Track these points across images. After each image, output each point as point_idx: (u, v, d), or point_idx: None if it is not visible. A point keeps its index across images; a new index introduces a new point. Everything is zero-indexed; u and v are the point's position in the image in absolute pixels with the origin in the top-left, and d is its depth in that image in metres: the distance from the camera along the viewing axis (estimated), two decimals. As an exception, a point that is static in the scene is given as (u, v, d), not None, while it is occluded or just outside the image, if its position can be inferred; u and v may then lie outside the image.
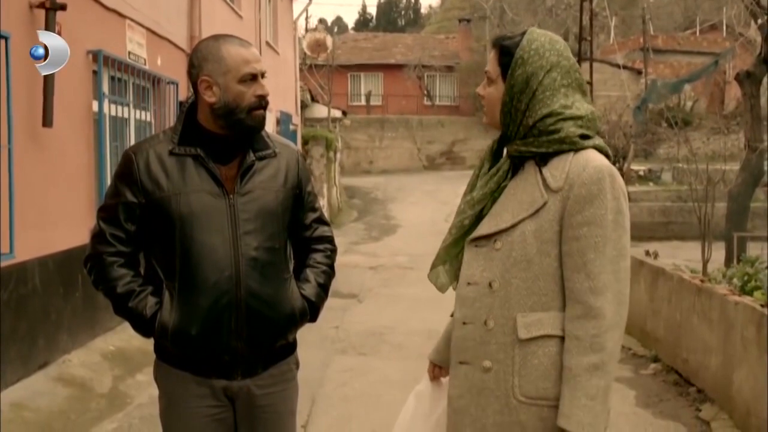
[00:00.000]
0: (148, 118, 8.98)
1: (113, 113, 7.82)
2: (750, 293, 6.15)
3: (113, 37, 7.82)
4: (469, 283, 2.19)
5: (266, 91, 2.49)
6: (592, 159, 2.12)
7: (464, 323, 2.19)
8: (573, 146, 2.13)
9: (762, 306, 5.15)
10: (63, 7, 5.99)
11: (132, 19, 8.27)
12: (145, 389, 6.07)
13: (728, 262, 11.10)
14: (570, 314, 2.08)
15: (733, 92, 29.63)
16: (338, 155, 24.86)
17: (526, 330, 2.10)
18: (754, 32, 19.75)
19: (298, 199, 2.64)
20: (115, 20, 7.89)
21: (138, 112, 8.62)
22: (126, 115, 8.21)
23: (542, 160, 2.14)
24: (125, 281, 2.45)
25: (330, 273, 2.72)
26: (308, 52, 26.34)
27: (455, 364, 2.22)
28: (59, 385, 5.94)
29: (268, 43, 17.26)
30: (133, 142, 8.42)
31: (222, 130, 2.47)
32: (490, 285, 2.14)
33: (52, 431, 5.19)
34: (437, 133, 35.62)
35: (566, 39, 36.15)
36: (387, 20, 71.84)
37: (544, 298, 2.12)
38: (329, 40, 27.35)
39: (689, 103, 33.02)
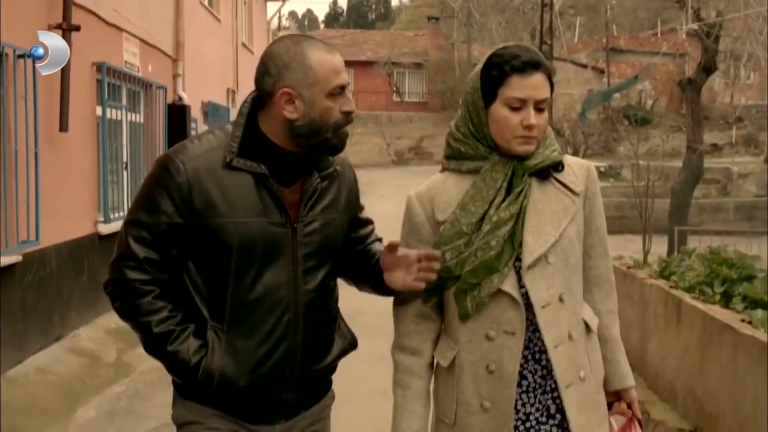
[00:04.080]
0: (141, 120, 9.88)
1: (109, 116, 8.66)
2: (667, 278, 7.16)
3: (113, 49, 8.71)
4: (543, 307, 2.10)
5: (354, 106, 2.10)
6: (579, 160, 2.30)
7: (556, 347, 2.11)
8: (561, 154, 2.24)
9: (671, 287, 6.15)
10: (77, 28, 6.89)
11: (128, 32, 9.15)
12: (146, 360, 6.82)
13: (669, 253, 12.14)
14: (600, 294, 2.27)
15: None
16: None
17: (591, 323, 2.22)
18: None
19: (355, 222, 2.34)
20: (115, 34, 8.77)
21: (131, 114, 9.50)
22: (120, 118, 9.08)
23: (554, 169, 2.17)
24: (161, 317, 2.03)
25: None
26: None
27: (563, 389, 2.12)
28: (72, 354, 6.86)
29: (243, 44, 17.97)
30: (126, 142, 9.28)
31: (296, 147, 2.07)
32: (561, 299, 2.12)
33: (73, 392, 6.10)
34: (406, 129, 35.76)
35: (533, 38, 37.13)
36: (357, 14, 72.32)
37: (582, 291, 2.24)
38: (301, 38, 28.01)
39: (650, 102, 34.21)
